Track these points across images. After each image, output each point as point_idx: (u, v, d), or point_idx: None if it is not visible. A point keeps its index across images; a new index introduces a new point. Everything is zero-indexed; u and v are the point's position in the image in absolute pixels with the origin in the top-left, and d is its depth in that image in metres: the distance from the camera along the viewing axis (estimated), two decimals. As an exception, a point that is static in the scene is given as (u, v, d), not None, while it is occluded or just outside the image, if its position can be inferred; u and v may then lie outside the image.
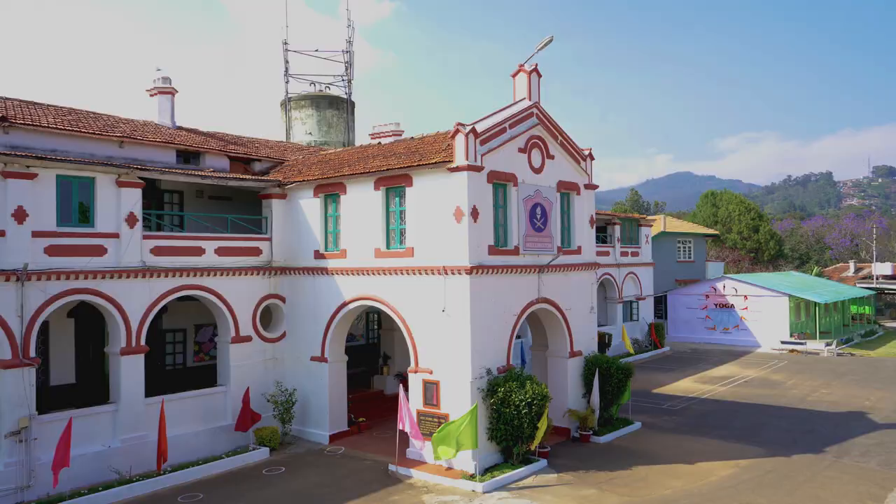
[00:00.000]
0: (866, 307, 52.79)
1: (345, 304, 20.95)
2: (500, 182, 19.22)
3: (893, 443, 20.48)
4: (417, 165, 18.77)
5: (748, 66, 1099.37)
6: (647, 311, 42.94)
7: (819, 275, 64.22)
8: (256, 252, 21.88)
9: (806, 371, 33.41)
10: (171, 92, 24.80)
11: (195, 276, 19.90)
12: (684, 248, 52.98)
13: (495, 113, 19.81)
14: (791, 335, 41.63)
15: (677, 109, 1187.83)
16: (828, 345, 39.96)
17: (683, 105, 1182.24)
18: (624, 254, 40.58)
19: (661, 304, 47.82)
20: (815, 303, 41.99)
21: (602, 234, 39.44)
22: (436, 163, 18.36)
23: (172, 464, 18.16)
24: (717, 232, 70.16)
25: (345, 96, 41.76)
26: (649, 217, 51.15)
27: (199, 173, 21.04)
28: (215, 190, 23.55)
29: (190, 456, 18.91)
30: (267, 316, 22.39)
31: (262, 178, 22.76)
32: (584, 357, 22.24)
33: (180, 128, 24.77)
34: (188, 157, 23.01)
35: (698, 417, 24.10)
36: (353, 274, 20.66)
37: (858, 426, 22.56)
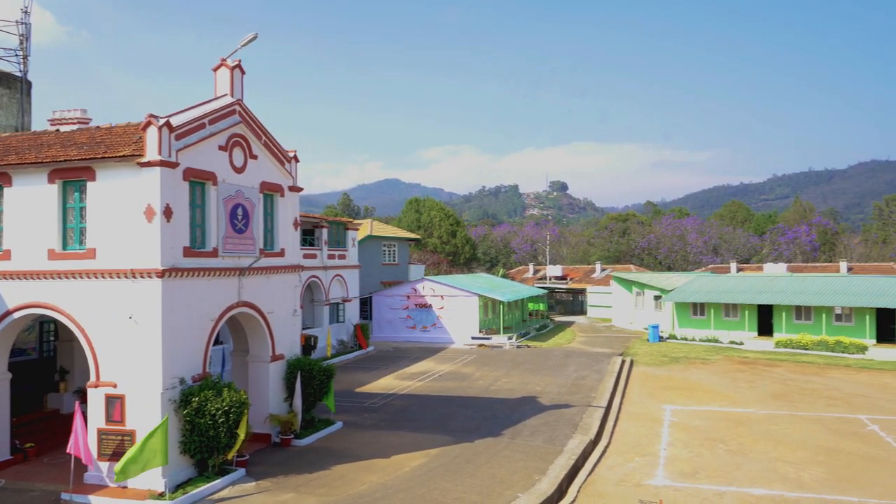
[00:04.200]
0: (541, 304, 60.49)
1: (8, 314, 18.17)
2: (198, 180, 18.26)
3: (556, 421, 23.70)
4: (102, 158, 17.00)
5: (448, 79, 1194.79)
6: (353, 313, 44.15)
7: (504, 276, 71.94)
8: None
9: (491, 363, 37.15)
10: None
11: None
12: (389, 251, 55.56)
13: (194, 107, 18.76)
14: (480, 331, 46.01)
15: (388, 118, 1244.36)
16: (509, 339, 44.95)
17: (394, 114, 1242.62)
18: (331, 256, 41.26)
19: (366, 305, 49.56)
20: (500, 301, 46.97)
21: (310, 238, 39.64)
22: (124, 156, 16.80)
23: None
24: (419, 236, 74.81)
25: (19, 74, 36.16)
26: (357, 221, 52.75)
27: None
28: None
29: None
30: None
31: None
32: (287, 360, 22.08)
33: None
34: None
35: (396, 413, 25.41)
36: (19, 278, 17.99)
37: (530, 409, 25.70)
